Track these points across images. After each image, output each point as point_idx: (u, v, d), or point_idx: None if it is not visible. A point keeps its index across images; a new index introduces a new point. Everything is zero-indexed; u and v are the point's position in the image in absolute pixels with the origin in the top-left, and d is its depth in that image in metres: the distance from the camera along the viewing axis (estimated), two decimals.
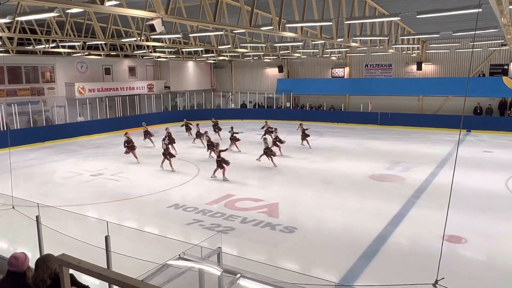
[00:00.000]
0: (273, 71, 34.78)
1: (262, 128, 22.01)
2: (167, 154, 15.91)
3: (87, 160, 18.11)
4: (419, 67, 28.35)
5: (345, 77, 31.59)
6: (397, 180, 14.24)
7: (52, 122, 25.58)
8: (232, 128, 20.07)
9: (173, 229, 10.00)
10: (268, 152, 16.15)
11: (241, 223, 10.21)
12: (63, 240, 7.30)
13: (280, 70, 33.39)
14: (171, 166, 15.74)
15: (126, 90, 30.07)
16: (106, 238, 5.88)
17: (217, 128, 22.91)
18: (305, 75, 33.60)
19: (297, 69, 33.95)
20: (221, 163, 14.32)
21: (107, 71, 30.27)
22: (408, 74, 29.41)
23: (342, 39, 16.40)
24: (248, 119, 30.58)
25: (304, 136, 20.53)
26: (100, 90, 28.32)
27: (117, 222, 9.84)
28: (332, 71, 32.06)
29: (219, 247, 5.56)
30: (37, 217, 6.87)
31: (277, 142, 18.38)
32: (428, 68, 28.72)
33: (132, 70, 32.10)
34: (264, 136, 19.74)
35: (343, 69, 31.57)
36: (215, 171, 14.46)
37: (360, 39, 17.77)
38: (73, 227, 9.17)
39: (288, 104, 33.09)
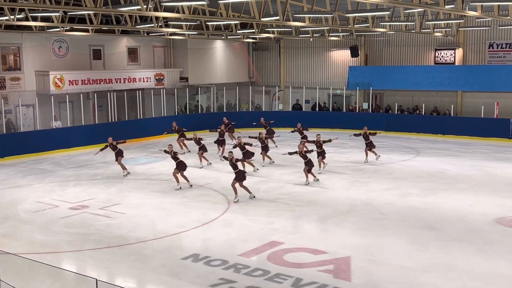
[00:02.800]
0: (342, 56, 34.69)
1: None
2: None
3: (65, 186, 18.61)
4: None
5: (457, 63, 30.95)
6: None
7: (15, 129, 26.67)
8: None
9: None
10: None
11: (293, 287, 10.14)
12: None
13: (354, 53, 33.28)
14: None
15: (124, 82, 30.93)
16: None
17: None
18: (392, 61, 33.22)
19: (380, 52, 33.66)
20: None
21: (97, 55, 31.28)
22: None
23: (452, 5, 16.14)
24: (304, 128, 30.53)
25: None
26: (86, 82, 29.24)
27: (107, 280, 9.98)
28: (436, 54, 31.52)
29: None
30: None
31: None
32: None
33: (133, 54, 33.02)
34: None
35: (453, 51, 30.97)
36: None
37: (482, 4, 17.39)
38: (44, 285, 9.38)
39: (365, 106, 32.78)
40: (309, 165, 18.04)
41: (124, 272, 11.07)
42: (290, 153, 18.87)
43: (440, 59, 31.46)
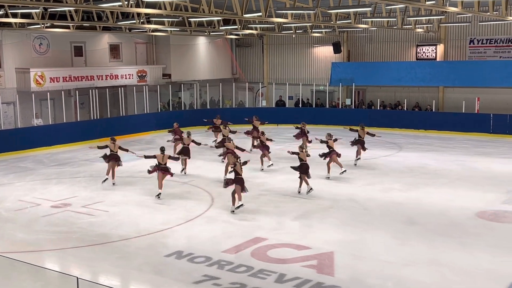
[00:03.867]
0: (325, 52, 34.78)
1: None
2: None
3: (47, 184, 18.48)
4: None
5: (438, 59, 31.17)
6: None
7: None
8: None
9: None
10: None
11: (277, 283, 10.15)
12: None
13: (337, 49, 33.36)
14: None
15: (106, 79, 30.76)
16: None
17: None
18: (374, 57, 33.38)
19: (362, 48, 33.79)
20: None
21: (78, 51, 31.06)
22: None
23: (433, 1, 16.25)
24: (287, 124, 30.57)
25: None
26: (68, 79, 29.04)
27: (90, 279, 9.94)
28: (418, 50, 31.72)
29: None
30: None
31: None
32: None
33: (114, 50, 32.83)
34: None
35: (434, 47, 31.19)
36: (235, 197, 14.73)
37: (462, 0, 17.55)
38: (26, 284, 9.32)
39: (348, 102, 32.92)
40: (302, 169, 16.37)
41: (107, 270, 11.04)
42: (292, 153, 17.16)
43: (422, 55, 31.66)
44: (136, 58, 33.80)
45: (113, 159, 17.86)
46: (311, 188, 16.19)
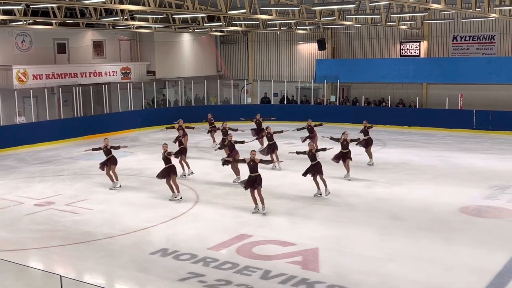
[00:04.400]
0: (310, 49, 34.83)
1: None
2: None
3: (30, 182, 18.34)
4: None
5: (422, 56, 31.37)
6: (504, 215, 14.09)
7: None
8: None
9: None
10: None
11: (262, 279, 10.19)
12: None
13: (321, 46, 33.45)
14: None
15: (90, 76, 30.55)
16: None
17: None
18: (359, 54, 33.51)
19: (347, 45, 33.89)
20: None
21: (61, 49, 30.82)
22: None
23: None
24: (272, 121, 30.59)
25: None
26: (51, 76, 28.81)
27: (74, 277, 9.88)
28: (402, 47, 31.89)
29: None
30: None
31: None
32: None
33: (98, 47, 32.62)
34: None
35: (418, 44, 31.37)
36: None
37: None
38: (8, 283, 9.25)
39: (333, 98, 32.99)
40: (316, 170, 15.68)
41: (92, 268, 10.98)
42: (298, 153, 16.68)
43: (406, 51, 31.81)
44: (120, 55, 33.61)
45: (108, 163, 17.07)
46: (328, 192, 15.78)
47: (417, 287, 9.88)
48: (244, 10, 20.37)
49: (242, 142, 18.30)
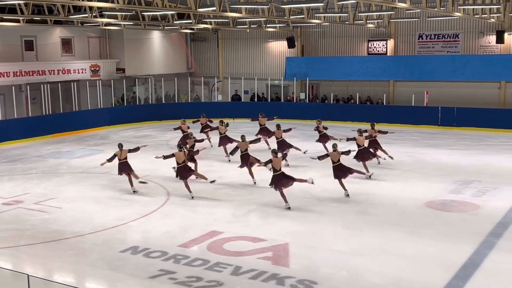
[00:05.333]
0: (280, 47, 34.93)
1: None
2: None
3: None
4: (500, 39, 28.50)
5: (389, 54, 31.73)
6: (468, 209, 14.30)
7: None
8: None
9: (129, 286, 9.92)
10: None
11: (233, 275, 10.19)
12: None
13: (291, 44, 33.56)
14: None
15: (58, 74, 30.18)
16: None
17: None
18: (327, 51, 33.72)
19: (316, 43, 34.09)
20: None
21: (29, 46, 30.34)
22: (484, 50, 29.57)
23: None
24: (243, 118, 30.61)
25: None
26: (18, 74, 28.41)
27: (43, 277, 9.74)
28: (369, 45, 32.22)
29: None
30: None
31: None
32: None
33: (67, 44, 32.19)
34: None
35: (385, 42, 31.74)
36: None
37: None
38: None
39: (303, 96, 33.16)
40: (341, 171, 15.66)
41: (61, 267, 10.86)
42: (320, 158, 16.17)
43: (373, 50, 32.15)
44: (89, 53, 33.22)
45: (123, 170, 16.29)
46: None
47: (385, 280, 9.99)
48: (214, 8, 20.31)
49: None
